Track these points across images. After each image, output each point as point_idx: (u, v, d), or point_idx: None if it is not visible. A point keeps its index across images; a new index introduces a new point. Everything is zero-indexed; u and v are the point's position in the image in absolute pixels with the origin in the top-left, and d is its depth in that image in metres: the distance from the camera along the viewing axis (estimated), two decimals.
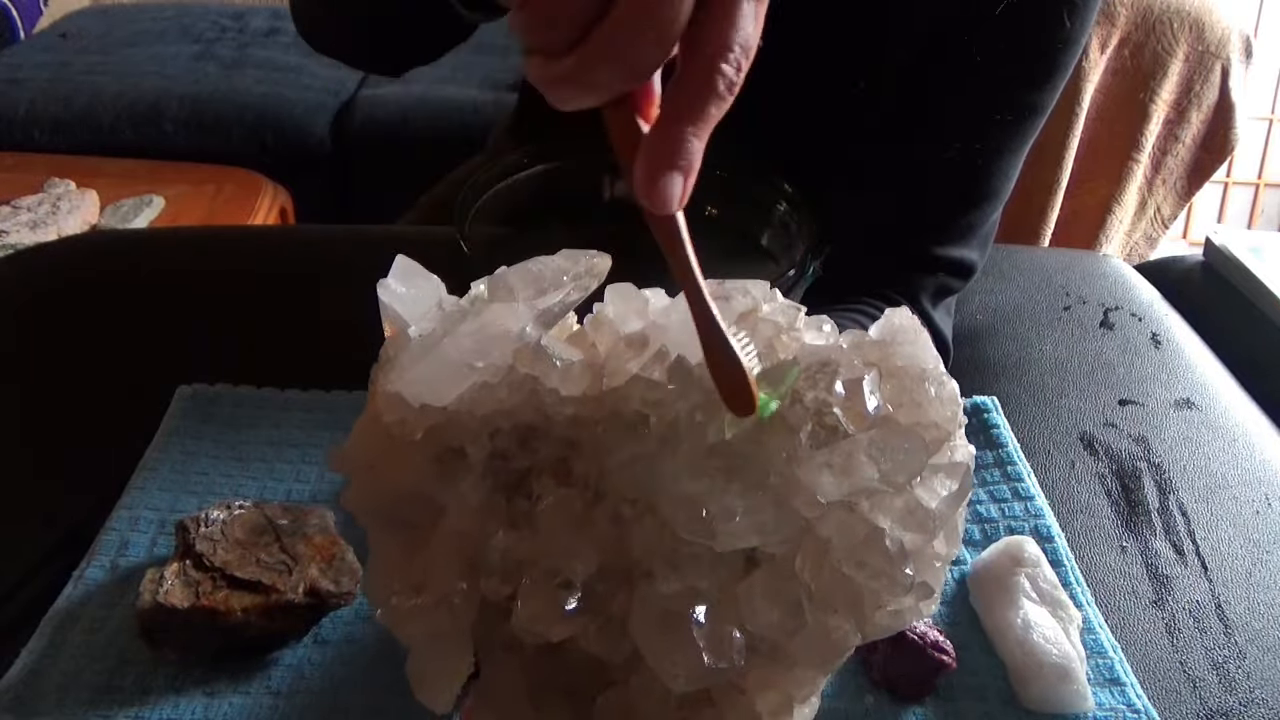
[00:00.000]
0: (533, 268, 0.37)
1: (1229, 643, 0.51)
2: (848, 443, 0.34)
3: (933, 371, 0.36)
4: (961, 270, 0.65)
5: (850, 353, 0.36)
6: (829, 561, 0.33)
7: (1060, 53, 0.60)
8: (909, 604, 0.35)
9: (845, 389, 0.34)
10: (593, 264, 0.37)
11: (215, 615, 0.45)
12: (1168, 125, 1.44)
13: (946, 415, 0.35)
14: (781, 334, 0.36)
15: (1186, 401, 0.69)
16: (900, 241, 0.65)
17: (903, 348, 0.36)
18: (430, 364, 0.35)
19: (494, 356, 0.35)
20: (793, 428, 0.34)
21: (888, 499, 0.34)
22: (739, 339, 0.34)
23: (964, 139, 0.63)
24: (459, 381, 0.35)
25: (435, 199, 0.98)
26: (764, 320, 0.37)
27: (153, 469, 0.57)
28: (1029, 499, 0.58)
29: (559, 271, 0.37)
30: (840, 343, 0.37)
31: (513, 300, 0.36)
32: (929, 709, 0.46)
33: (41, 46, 2.06)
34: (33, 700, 0.44)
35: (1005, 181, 0.64)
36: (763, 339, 0.36)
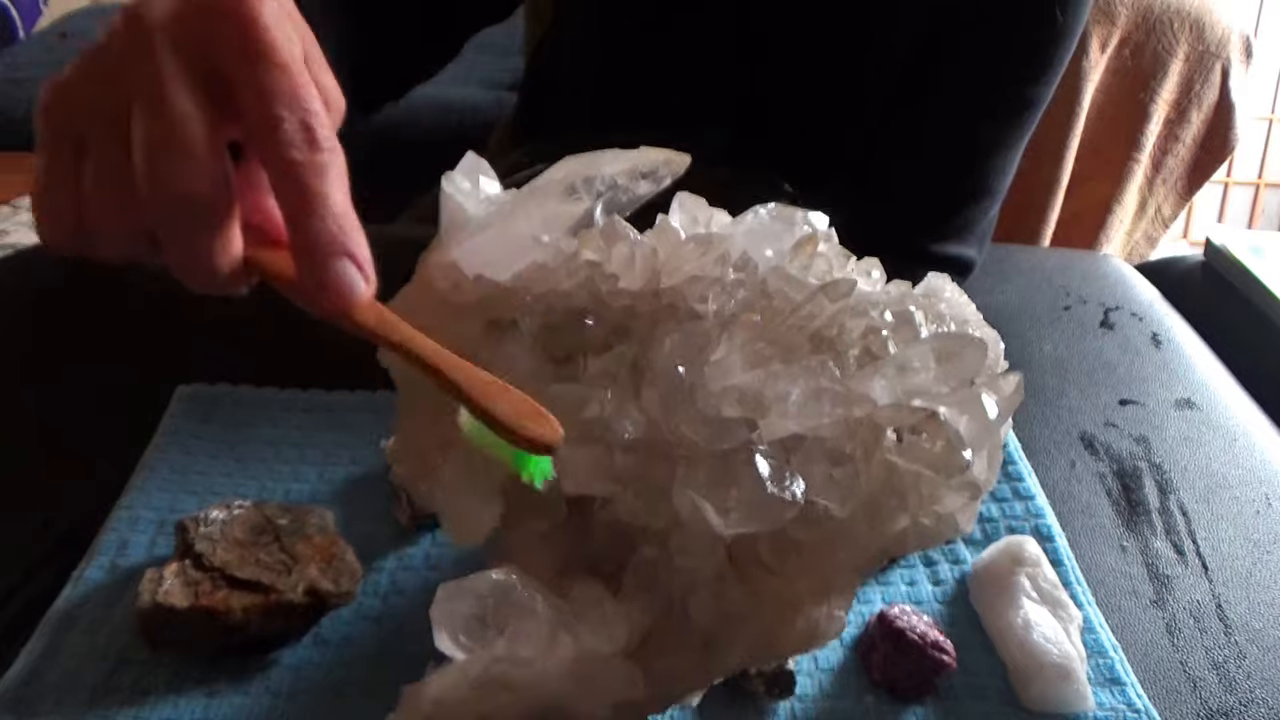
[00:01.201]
0: (604, 157, 0.36)
1: (1229, 643, 0.51)
2: (902, 351, 0.34)
3: (975, 318, 0.37)
4: (959, 267, 0.65)
5: (897, 299, 0.37)
6: (880, 450, 0.33)
7: (1053, 46, 0.60)
8: (958, 503, 0.34)
9: (894, 318, 0.35)
10: (670, 158, 0.37)
11: (215, 615, 0.45)
12: (1168, 125, 1.44)
13: (989, 353, 0.36)
14: (834, 270, 0.37)
15: (1186, 401, 0.69)
16: (897, 240, 0.65)
17: (946, 297, 0.38)
18: (492, 235, 0.34)
19: (558, 235, 0.34)
20: (840, 352, 0.34)
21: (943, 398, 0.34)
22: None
23: (959, 135, 0.63)
24: (520, 255, 0.34)
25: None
26: (820, 255, 0.37)
27: (152, 469, 0.57)
28: (1029, 499, 0.58)
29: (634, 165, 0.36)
30: (889, 289, 0.38)
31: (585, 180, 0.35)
32: (929, 709, 0.46)
33: (41, 46, 2.05)
34: (32, 700, 0.44)
35: (1002, 177, 0.64)
36: (816, 273, 0.36)
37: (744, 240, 0.36)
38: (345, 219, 0.28)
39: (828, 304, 0.35)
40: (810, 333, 0.35)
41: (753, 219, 0.37)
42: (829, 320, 0.35)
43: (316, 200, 0.28)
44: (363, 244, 0.29)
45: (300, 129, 0.28)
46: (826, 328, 0.35)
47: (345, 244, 0.28)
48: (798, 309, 0.34)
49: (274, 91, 0.28)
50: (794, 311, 0.34)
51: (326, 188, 0.28)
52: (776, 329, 0.34)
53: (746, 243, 0.36)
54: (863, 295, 0.36)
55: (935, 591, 0.53)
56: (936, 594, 0.53)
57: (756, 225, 0.37)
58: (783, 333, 0.34)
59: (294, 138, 0.28)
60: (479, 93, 1.89)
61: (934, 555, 0.55)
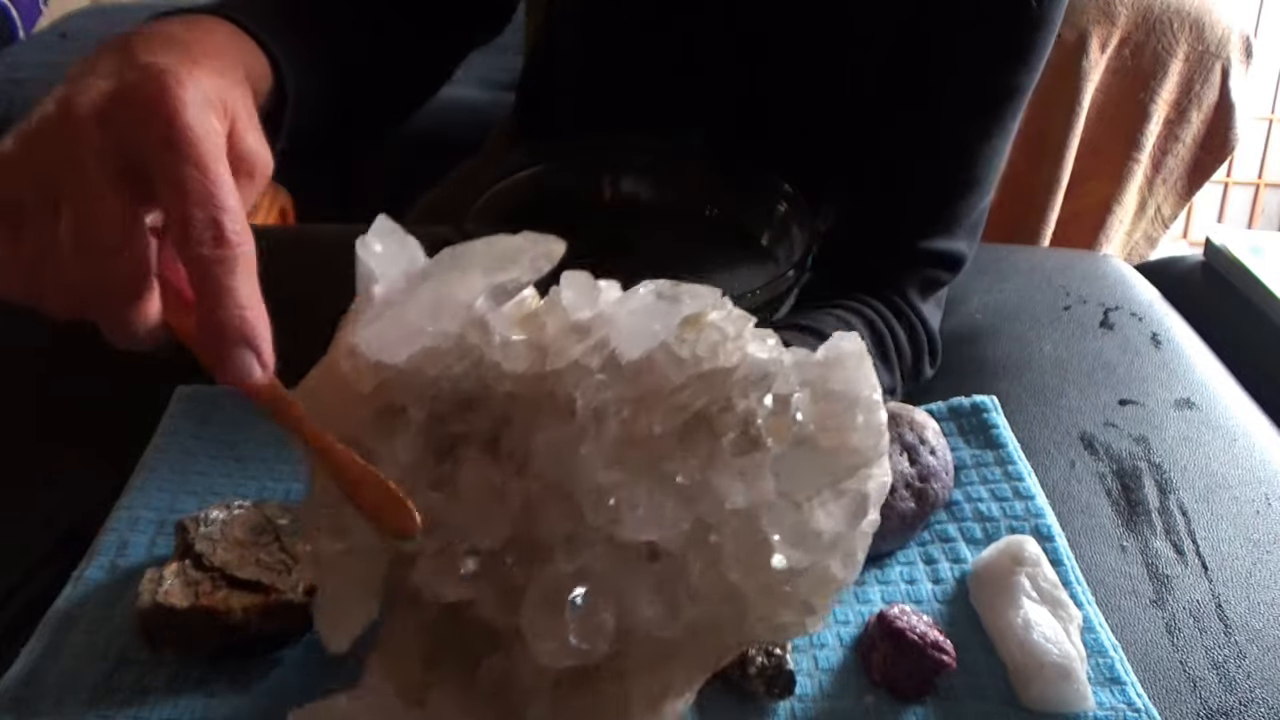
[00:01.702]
0: (495, 243, 0.38)
1: (1229, 642, 0.51)
2: (761, 454, 0.35)
3: (865, 400, 0.37)
4: (949, 262, 0.65)
5: (790, 370, 0.37)
6: (719, 565, 0.34)
7: (1032, 34, 0.59)
8: (789, 619, 0.35)
9: (774, 403, 0.36)
10: (550, 248, 0.38)
11: (215, 615, 0.45)
12: (1168, 125, 1.44)
13: (869, 444, 0.36)
14: (727, 342, 0.37)
15: (1186, 401, 0.69)
16: (885, 236, 0.65)
17: (842, 372, 0.37)
18: (387, 321, 0.36)
19: (445, 322, 0.36)
20: (718, 433, 0.35)
21: (784, 514, 0.35)
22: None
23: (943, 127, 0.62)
24: (412, 341, 0.36)
25: (435, 199, 0.98)
26: (711, 326, 0.37)
27: (152, 469, 0.57)
28: (1029, 498, 0.58)
29: (518, 250, 0.37)
30: (783, 358, 0.37)
31: (471, 271, 0.37)
32: (929, 709, 0.46)
33: (41, 46, 2.05)
34: (32, 700, 0.44)
35: (989, 169, 0.64)
36: (708, 344, 0.37)
37: (628, 321, 0.37)
38: (247, 309, 0.31)
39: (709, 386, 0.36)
40: (691, 414, 0.35)
41: (638, 298, 0.37)
42: (713, 399, 0.36)
43: (221, 292, 0.30)
44: (262, 332, 0.32)
45: (209, 225, 0.30)
46: (711, 405, 0.35)
47: (244, 333, 0.31)
48: (678, 391, 0.35)
49: (187, 190, 0.30)
50: (673, 394, 0.35)
51: (232, 281, 0.31)
52: (649, 419, 0.35)
53: (630, 323, 0.37)
54: (756, 365, 0.36)
55: (935, 591, 0.53)
56: (936, 594, 0.53)
57: (639, 305, 0.37)
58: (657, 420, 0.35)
59: (203, 235, 0.30)
60: (479, 93, 1.89)
61: (934, 554, 0.55)
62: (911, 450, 0.57)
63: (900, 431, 0.58)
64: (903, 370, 0.63)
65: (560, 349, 0.37)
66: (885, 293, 0.64)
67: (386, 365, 0.36)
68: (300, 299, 0.69)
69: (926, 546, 0.56)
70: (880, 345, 0.62)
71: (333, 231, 0.87)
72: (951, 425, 0.64)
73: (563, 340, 0.37)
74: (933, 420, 0.60)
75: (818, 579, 0.35)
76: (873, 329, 0.62)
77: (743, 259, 0.68)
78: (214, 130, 0.31)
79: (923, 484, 0.55)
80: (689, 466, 0.35)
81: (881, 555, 0.55)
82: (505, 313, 0.37)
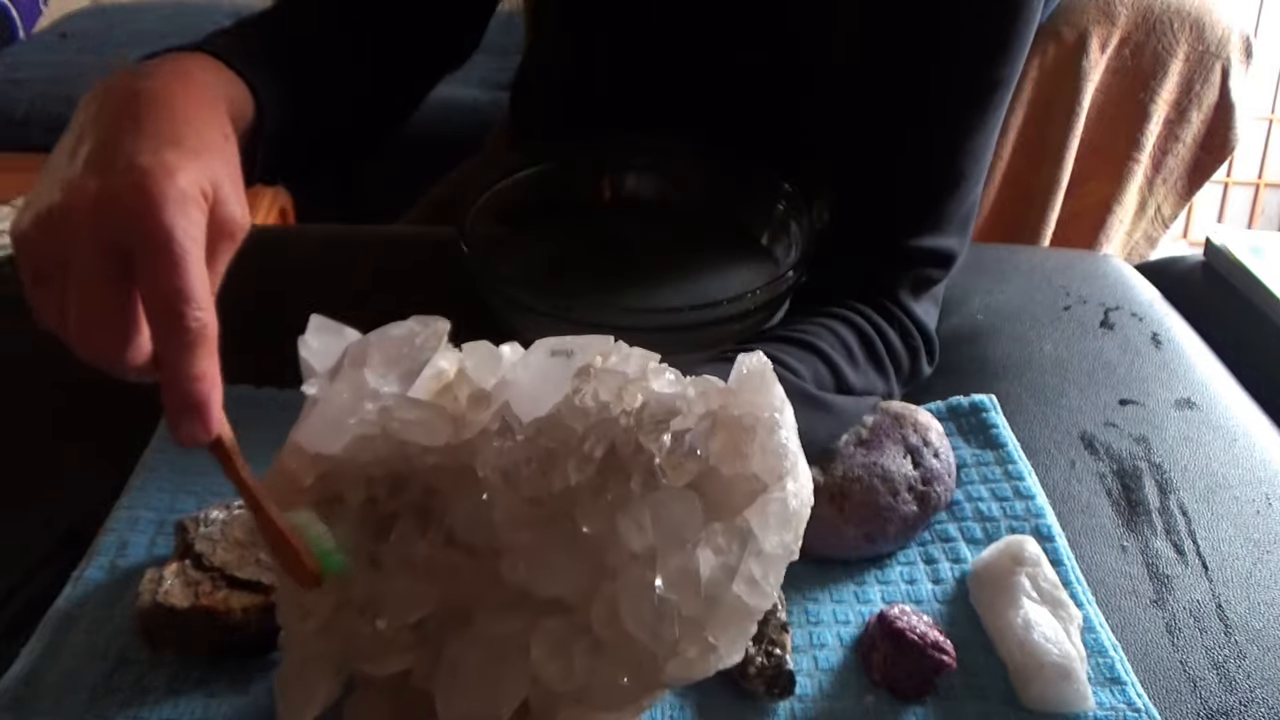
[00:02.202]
0: (389, 332, 0.41)
1: (1229, 642, 0.51)
2: (657, 495, 0.36)
3: (765, 421, 0.37)
4: (940, 259, 0.65)
5: (695, 401, 0.38)
6: (618, 618, 0.35)
7: (1011, 25, 0.59)
8: (693, 656, 0.36)
9: (671, 441, 0.37)
10: (437, 328, 0.41)
11: (215, 615, 0.45)
12: (1168, 125, 1.44)
13: (768, 467, 0.37)
14: (629, 384, 0.38)
15: (1186, 401, 0.69)
16: (874, 235, 0.64)
17: (745, 396, 0.38)
18: (316, 418, 0.40)
19: (365, 413, 0.39)
20: (628, 474, 0.36)
21: (672, 562, 0.35)
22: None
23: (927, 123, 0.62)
24: (341, 434, 0.39)
25: (435, 199, 0.98)
26: (607, 372, 0.38)
27: (152, 469, 0.57)
28: (1030, 498, 0.58)
29: (411, 333, 0.40)
30: (687, 391, 0.38)
31: (372, 362, 0.40)
32: (929, 709, 0.46)
33: (41, 46, 2.05)
34: (32, 700, 0.44)
35: (976, 163, 0.63)
36: (610, 390, 0.38)
37: (527, 382, 0.39)
38: (200, 382, 0.37)
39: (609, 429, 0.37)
40: (601, 461, 0.37)
41: (533, 359, 0.39)
42: (622, 443, 0.37)
43: (178, 366, 0.36)
44: (211, 399, 0.37)
45: (174, 314, 0.36)
46: (623, 448, 0.37)
47: (192, 402, 0.37)
48: (582, 441, 0.37)
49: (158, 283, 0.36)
50: (579, 444, 0.37)
51: (188, 356, 0.36)
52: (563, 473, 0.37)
53: (529, 384, 0.39)
54: (661, 402, 0.38)
55: (935, 591, 0.53)
56: (936, 594, 0.53)
57: (535, 365, 0.39)
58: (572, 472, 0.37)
59: (166, 318, 0.36)
60: (479, 93, 1.89)
61: (934, 554, 0.55)
62: (915, 453, 0.57)
63: (904, 433, 0.57)
64: (898, 373, 0.63)
65: (471, 419, 0.39)
66: (875, 296, 0.64)
67: (325, 457, 0.39)
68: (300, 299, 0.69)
69: (926, 546, 0.56)
70: (871, 351, 0.62)
71: (333, 231, 0.87)
72: (951, 425, 0.64)
73: (472, 410, 0.39)
74: (937, 422, 0.60)
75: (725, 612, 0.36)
76: (862, 336, 0.61)
77: (742, 259, 0.68)
78: (191, 223, 0.37)
79: (925, 487, 0.55)
80: (597, 516, 0.36)
81: (881, 555, 0.55)
82: (422, 384, 0.40)
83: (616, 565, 0.36)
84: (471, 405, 0.39)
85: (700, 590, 0.35)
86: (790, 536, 0.37)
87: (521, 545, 0.37)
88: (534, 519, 0.37)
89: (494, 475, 0.37)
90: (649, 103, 0.73)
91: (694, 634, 0.35)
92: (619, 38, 0.73)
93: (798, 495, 0.38)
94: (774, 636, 0.47)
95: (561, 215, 0.70)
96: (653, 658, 0.35)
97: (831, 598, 0.52)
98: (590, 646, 0.36)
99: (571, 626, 0.36)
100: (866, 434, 0.57)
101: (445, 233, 0.60)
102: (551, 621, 0.36)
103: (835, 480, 0.55)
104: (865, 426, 0.58)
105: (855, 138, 0.64)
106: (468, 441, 0.38)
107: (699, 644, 0.36)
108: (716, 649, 0.36)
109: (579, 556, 0.36)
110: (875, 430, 0.57)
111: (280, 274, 0.76)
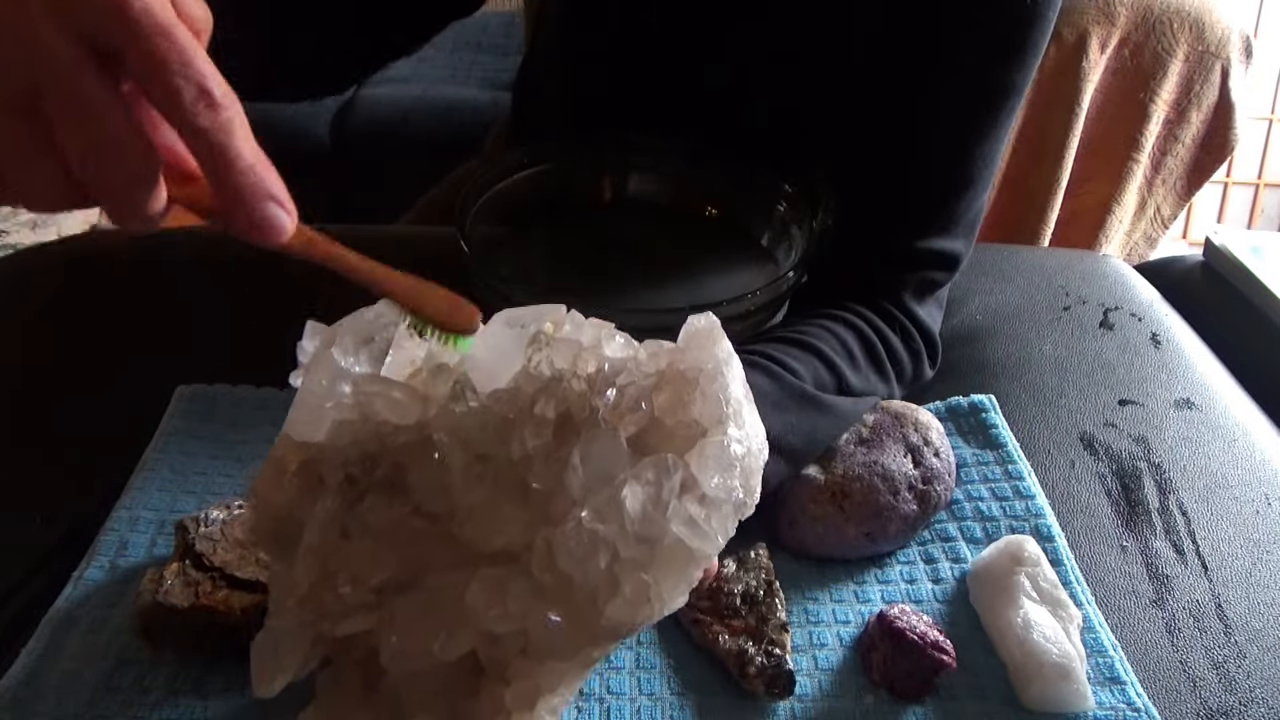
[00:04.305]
0: (362, 315, 0.41)
1: (1229, 642, 0.51)
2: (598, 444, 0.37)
3: (708, 371, 0.38)
4: (945, 262, 0.65)
5: (645, 362, 0.39)
6: (555, 559, 0.36)
7: (1026, 30, 0.59)
8: (630, 595, 0.36)
9: (615, 395, 0.38)
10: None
11: (215, 615, 0.45)
12: (1168, 125, 1.44)
13: (708, 412, 0.38)
14: (583, 351, 0.39)
15: (1186, 401, 0.69)
16: (881, 236, 0.64)
17: (691, 352, 0.39)
18: (298, 406, 0.40)
19: (342, 394, 0.39)
20: (577, 431, 0.37)
21: (599, 498, 0.36)
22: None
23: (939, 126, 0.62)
24: (322, 421, 0.39)
25: (434, 199, 0.98)
26: (562, 341, 0.40)
27: (152, 469, 0.57)
28: (1029, 498, 0.58)
29: (378, 316, 0.41)
30: (639, 353, 0.40)
31: (344, 345, 0.40)
32: (929, 709, 0.46)
33: None
34: (32, 700, 0.44)
35: (985, 167, 0.63)
36: (565, 357, 0.39)
37: (485, 353, 0.40)
38: (257, 166, 0.31)
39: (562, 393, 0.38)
40: (555, 424, 0.38)
41: (490, 332, 0.40)
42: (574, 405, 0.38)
43: (231, 156, 0.30)
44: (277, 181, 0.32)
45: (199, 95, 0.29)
46: (577, 412, 0.38)
47: (265, 188, 0.31)
48: (532, 404, 0.38)
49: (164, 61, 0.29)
50: (532, 407, 0.38)
51: (236, 143, 0.30)
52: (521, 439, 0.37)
53: (487, 356, 0.40)
54: (613, 365, 0.39)
55: (935, 591, 0.53)
56: (936, 594, 0.53)
57: (491, 336, 0.40)
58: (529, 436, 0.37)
59: (195, 105, 0.29)
60: (479, 93, 1.89)
61: (934, 554, 0.55)
62: (915, 452, 0.57)
63: (905, 432, 0.57)
64: (899, 376, 0.63)
65: (432, 395, 0.40)
66: (878, 298, 0.64)
67: (309, 444, 0.40)
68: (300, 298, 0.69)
69: (926, 546, 0.56)
70: (872, 353, 0.62)
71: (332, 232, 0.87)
72: (951, 425, 0.64)
73: (433, 386, 0.40)
74: (937, 421, 0.60)
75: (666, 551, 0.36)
76: (864, 338, 0.61)
77: (743, 259, 0.68)
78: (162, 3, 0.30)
79: (926, 486, 0.55)
80: (548, 475, 0.37)
81: (882, 555, 0.55)
82: (398, 367, 0.40)
83: (560, 515, 0.37)
84: (431, 378, 0.40)
85: (630, 524, 0.36)
86: (735, 481, 0.38)
87: (473, 503, 0.37)
88: (485, 476, 0.38)
89: (449, 440, 0.38)
90: (649, 103, 0.73)
91: (630, 574, 0.36)
92: (619, 38, 0.73)
93: (742, 442, 0.38)
94: (774, 636, 0.47)
95: (561, 215, 0.70)
96: (591, 599, 0.36)
97: (831, 598, 0.52)
98: (528, 589, 0.36)
99: (511, 573, 0.37)
100: (867, 433, 0.57)
101: (445, 233, 0.60)
102: (491, 570, 0.37)
103: (836, 479, 0.55)
104: (866, 425, 0.58)
105: (865, 138, 0.64)
106: (433, 417, 0.39)
107: (634, 583, 0.36)
108: (654, 588, 0.36)
109: (525, 509, 0.37)
110: (876, 429, 0.57)
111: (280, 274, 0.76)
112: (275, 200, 0.32)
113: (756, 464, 0.39)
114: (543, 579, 0.36)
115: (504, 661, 0.38)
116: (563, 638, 0.36)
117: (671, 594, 0.37)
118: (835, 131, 0.66)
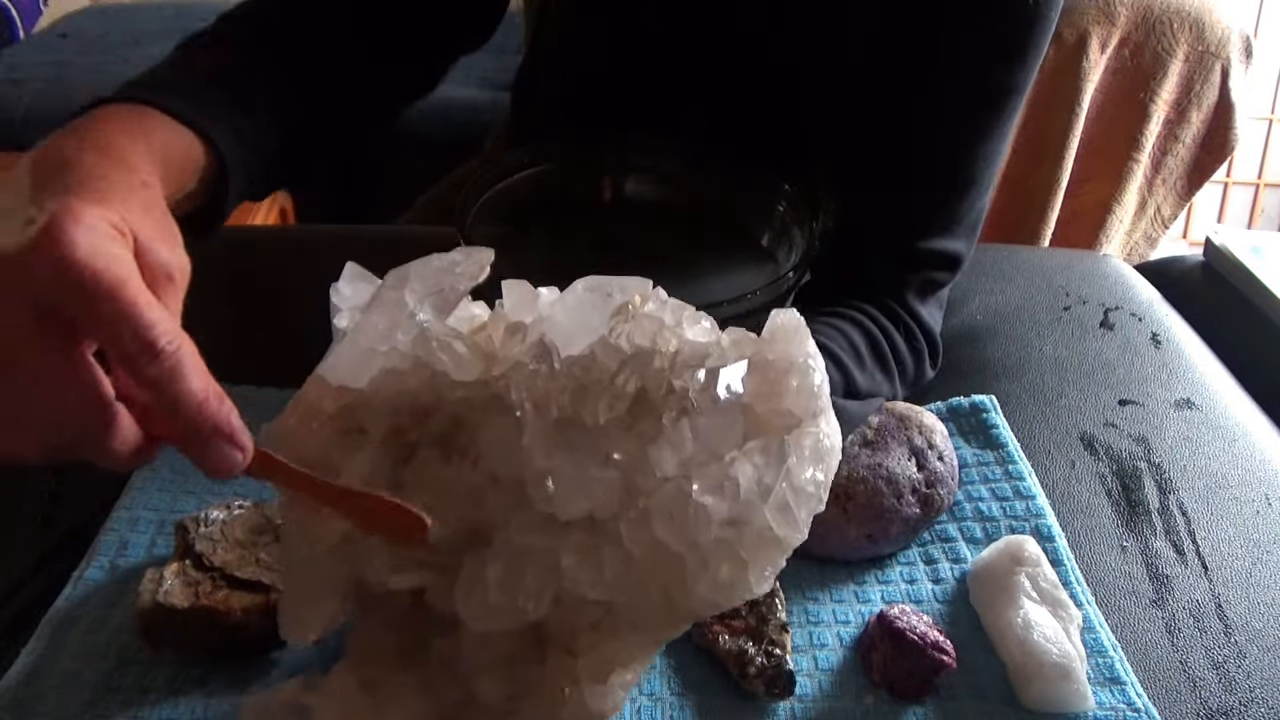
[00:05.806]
0: (430, 261, 0.40)
1: (1229, 642, 0.51)
2: (685, 422, 0.36)
3: (800, 365, 0.38)
4: (947, 263, 0.65)
5: (728, 349, 0.39)
6: (647, 525, 0.35)
7: (1028, 31, 0.59)
8: (727, 576, 0.36)
9: (705, 377, 0.37)
10: (480, 259, 0.40)
11: (215, 615, 0.45)
12: (1168, 125, 1.44)
13: (802, 405, 0.38)
14: (664, 329, 0.39)
15: (1186, 401, 0.69)
16: (884, 237, 0.65)
17: (779, 345, 0.39)
18: (345, 348, 0.38)
19: (397, 341, 0.38)
20: (659, 412, 0.37)
21: (705, 467, 0.36)
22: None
23: (941, 126, 0.62)
24: (369, 364, 0.38)
25: (434, 199, 0.98)
26: (646, 317, 0.39)
27: (152, 469, 0.57)
28: (1030, 498, 0.58)
29: (453, 263, 0.40)
30: (721, 340, 0.39)
31: (411, 289, 0.39)
32: (929, 709, 0.46)
33: (41, 46, 2.05)
34: (32, 700, 0.44)
35: (987, 168, 0.63)
36: (646, 334, 0.38)
37: (563, 318, 0.39)
38: (206, 403, 0.33)
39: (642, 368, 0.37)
40: (633, 398, 0.37)
41: (572, 296, 0.39)
42: (653, 382, 0.37)
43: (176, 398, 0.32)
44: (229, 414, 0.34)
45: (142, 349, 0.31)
46: (654, 389, 0.37)
47: (213, 425, 0.33)
48: (614, 376, 0.37)
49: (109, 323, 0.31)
50: (612, 380, 0.37)
51: (181, 383, 0.32)
52: (594, 408, 0.37)
53: (566, 319, 0.39)
54: (695, 349, 0.38)
55: (935, 591, 0.53)
56: (936, 594, 0.53)
57: (573, 302, 0.39)
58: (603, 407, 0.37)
59: (140, 359, 0.31)
60: (479, 93, 1.89)
61: (934, 554, 0.55)
62: (919, 455, 0.57)
63: (909, 435, 0.57)
64: (903, 376, 0.63)
65: (505, 354, 0.39)
66: (882, 298, 0.64)
67: (349, 389, 0.39)
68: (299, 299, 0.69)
69: (926, 546, 0.56)
70: (878, 353, 0.62)
71: (333, 231, 0.87)
72: (951, 425, 0.64)
73: (506, 345, 0.39)
74: (941, 424, 0.60)
75: (755, 535, 0.36)
76: (869, 337, 0.61)
77: (743, 259, 0.67)
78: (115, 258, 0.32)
79: (929, 490, 0.55)
80: (628, 447, 0.36)
81: (882, 556, 0.55)
82: (455, 326, 0.39)
83: (647, 488, 0.36)
84: (508, 337, 0.39)
85: (738, 503, 0.35)
86: (822, 475, 0.37)
87: (549, 469, 0.36)
88: (564, 443, 0.37)
89: (526, 404, 0.37)
90: (649, 102, 0.73)
91: (726, 554, 0.35)
92: (620, 38, 0.73)
93: (830, 437, 0.38)
94: (774, 636, 0.47)
95: (561, 215, 0.70)
96: (681, 577, 0.35)
97: (831, 598, 0.52)
98: (621, 557, 0.36)
99: (600, 542, 0.36)
100: (872, 435, 0.57)
101: (445, 233, 0.60)
102: (580, 534, 0.36)
103: (840, 481, 0.54)
104: (870, 427, 0.58)
105: (866, 139, 0.64)
106: (501, 375, 0.38)
107: (732, 561, 0.36)
108: (747, 571, 0.36)
109: (612, 476, 0.36)
110: (880, 431, 0.57)
111: (280, 274, 0.76)
112: (224, 437, 0.34)
113: (835, 463, 0.39)
114: (633, 549, 0.36)
115: (573, 631, 0.37)
116: (648, 609, 0.36)
117: (758, 579, 0.36)
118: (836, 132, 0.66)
